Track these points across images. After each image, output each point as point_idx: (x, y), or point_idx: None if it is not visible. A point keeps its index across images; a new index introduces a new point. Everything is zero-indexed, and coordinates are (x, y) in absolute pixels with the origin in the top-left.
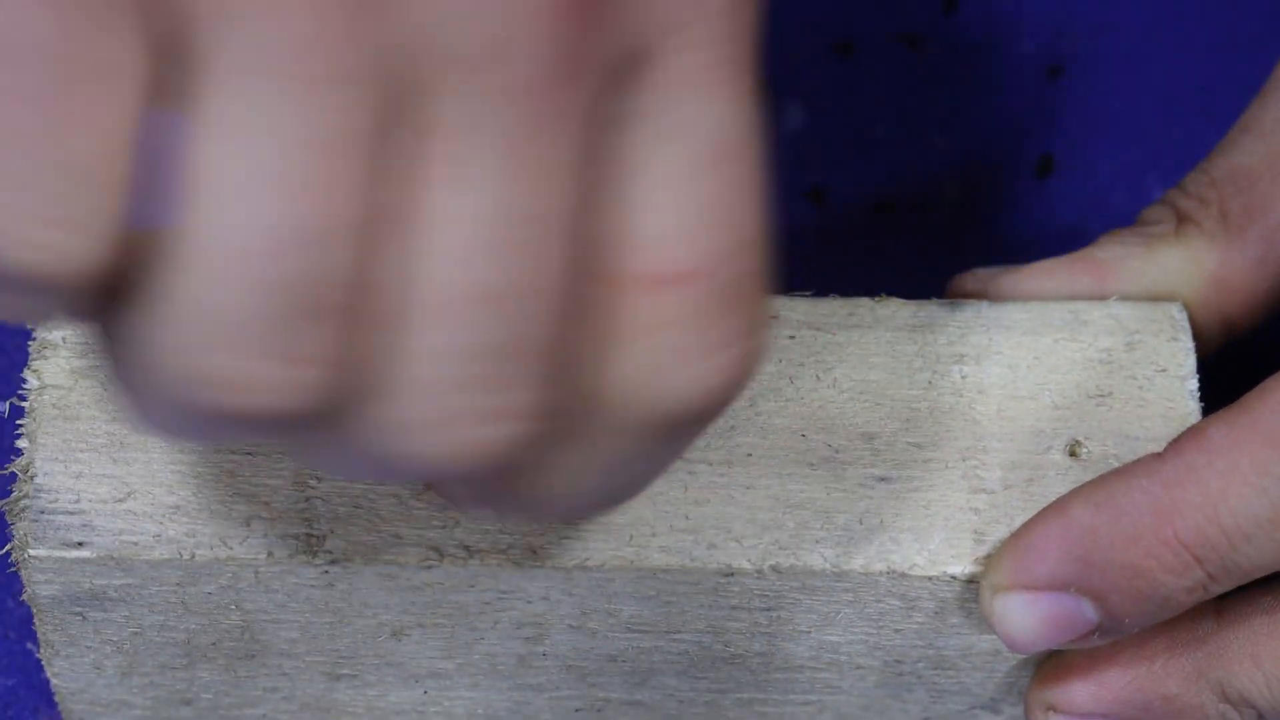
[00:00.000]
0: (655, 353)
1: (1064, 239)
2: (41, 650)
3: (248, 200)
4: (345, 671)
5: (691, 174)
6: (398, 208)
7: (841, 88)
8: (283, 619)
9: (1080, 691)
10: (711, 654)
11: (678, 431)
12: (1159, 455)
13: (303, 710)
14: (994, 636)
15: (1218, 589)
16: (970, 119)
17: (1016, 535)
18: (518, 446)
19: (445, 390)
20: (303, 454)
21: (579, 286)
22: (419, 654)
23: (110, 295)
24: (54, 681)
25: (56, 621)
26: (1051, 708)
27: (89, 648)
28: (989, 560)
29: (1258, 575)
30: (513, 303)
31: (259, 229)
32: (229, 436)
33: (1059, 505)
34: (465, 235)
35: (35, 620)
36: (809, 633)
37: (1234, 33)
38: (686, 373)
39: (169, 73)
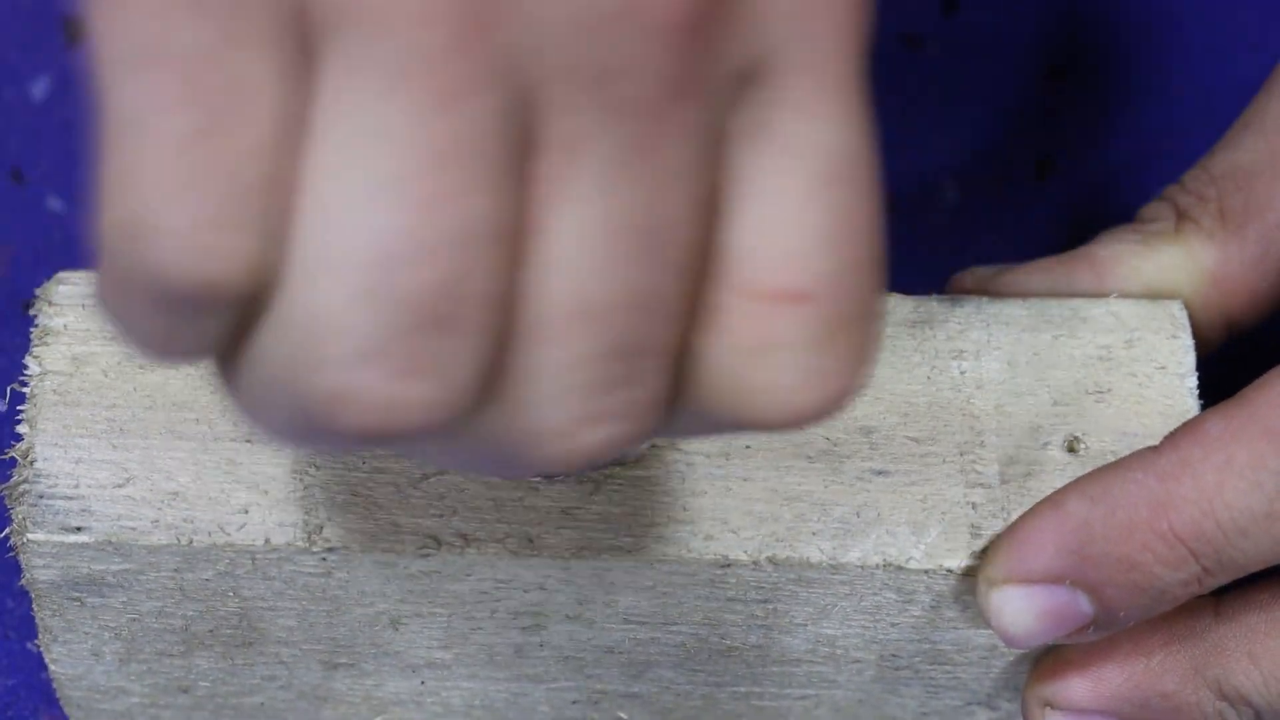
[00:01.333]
0: (761, 368)
1: (1064, 239)
2: (40, 636)
3: (365, 210)
4: (343, 660)
5: (810, 192)
6: (514, 221)
7: None
8: (280, 607)
9: (1078, 688)
10: (708, 646)
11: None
12: (1155, 449)
13: (300, 699)
14: (990, 632)
15: (1213, 582)
16: (970, 119)
17: (1012, 529)
18: (635, 440)
19: (569, 400)
20: (423, 457)
21: (695, 293)
22: (416, 643)
23: (248, 312)
24: (52, 668)
25: (55, 607)
26: (1049, 704)
27: (87, 634)
28: (985, 554)
29: (1253, 569)
30: (631, 312)
31: (376, 240)
32: (360, 449)
33: (1054, 499)
34: (582, 249)
35: (34, 605)
36: (805, 625)
37: (1234, 33)
38: (788, 391)
39: (300, 76)
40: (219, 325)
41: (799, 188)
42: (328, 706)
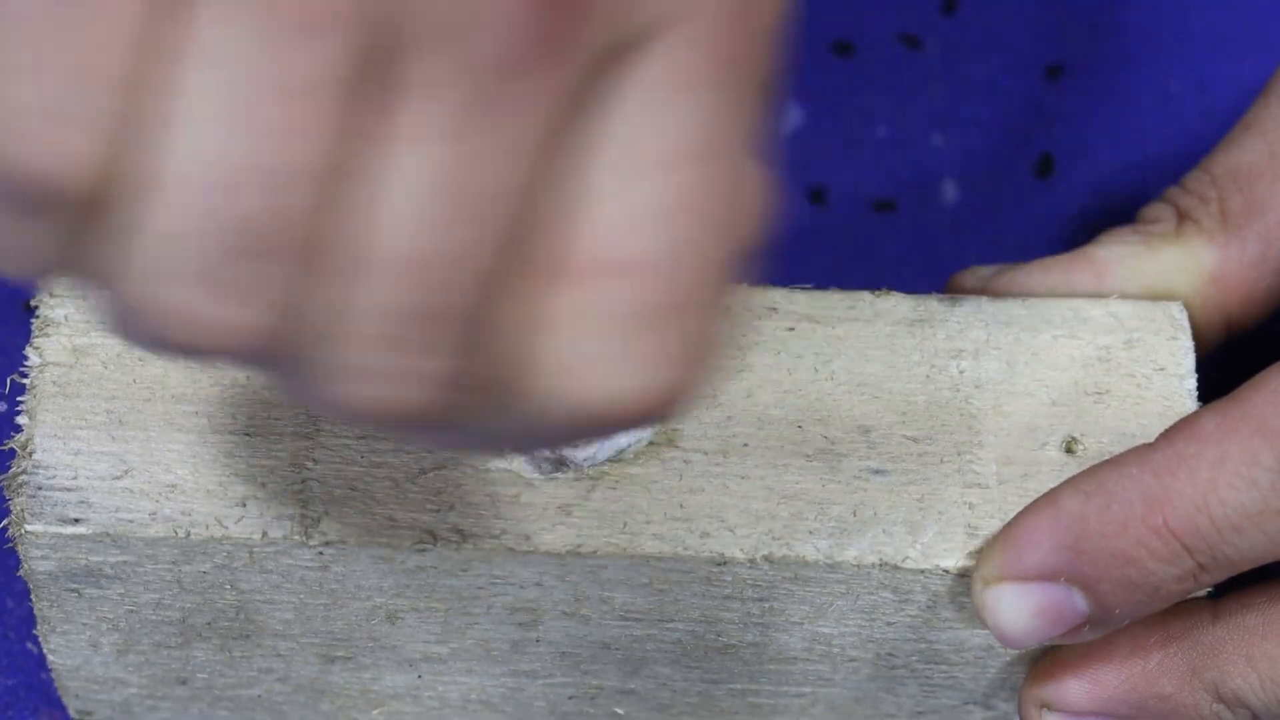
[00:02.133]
0: (581, 347)
1: (1064, 239)
2: (38, 626)
3: (216, 134)
4: (340, 654)
5: (651, 170)
6: (358, 164)
7: (841, 88)
8: (277, 600)
9: (1074, 689)
10: (704, 644)
11: (593, 431)
12: (1150, 445)
13: (297, 692)
14: (986, 631)
15: (1208, 579)
16: (970, 119)
17: (1007, 526)
18: (431, 408)
19: (373, 346)
20: (269, 380)
21: (519, 266)
22: (413, 638)
23: (90, 218)
24: (50, 658)
25: (53, 598)
26: (1046, 705)
27: (85, 625)
28: (980, 553)
29: (1247, 566)
30: (447, 272)
31: (222, 164)
32: (199, 360)
33: (1049, 496)
34: (413, 201)
35: (32, 596)
36: (801, 624)
37: (1234, 33)
38: (606, 370)
39: None
40: (61, 232)
41: (639, 164)
42: (325, 699)
